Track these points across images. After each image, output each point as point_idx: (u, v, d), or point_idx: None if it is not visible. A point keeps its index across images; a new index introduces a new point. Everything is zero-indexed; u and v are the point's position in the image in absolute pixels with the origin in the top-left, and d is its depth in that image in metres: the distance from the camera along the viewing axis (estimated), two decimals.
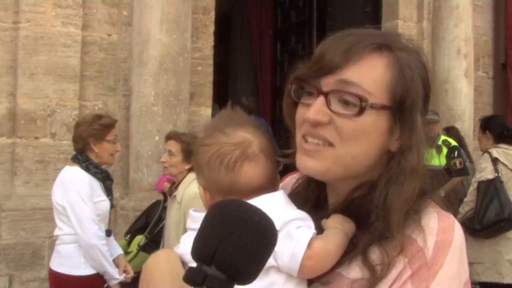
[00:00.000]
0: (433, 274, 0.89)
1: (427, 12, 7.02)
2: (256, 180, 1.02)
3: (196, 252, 0.74)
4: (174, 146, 3.62)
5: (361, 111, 0.93)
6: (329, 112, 0.95)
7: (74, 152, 3.49)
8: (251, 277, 0.74)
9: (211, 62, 5.83)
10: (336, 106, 0.95)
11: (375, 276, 0.90)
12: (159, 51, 4.99)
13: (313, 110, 0.95)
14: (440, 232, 0.93)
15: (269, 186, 1.05)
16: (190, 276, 0.72)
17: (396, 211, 0.93)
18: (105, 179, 3.45)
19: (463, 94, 6.69)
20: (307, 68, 0.99)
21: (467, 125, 6.72)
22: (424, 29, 7.03)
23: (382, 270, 0.90)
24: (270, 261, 0.90)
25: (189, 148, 3.47)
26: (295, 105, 1.03)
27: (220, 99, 7.75)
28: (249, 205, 0.78)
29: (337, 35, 1.00)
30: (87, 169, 3.35)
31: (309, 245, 0.92)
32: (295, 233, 0.93)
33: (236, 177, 1.02)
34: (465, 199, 4.65)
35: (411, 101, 0.96)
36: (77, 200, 3.24)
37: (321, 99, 0.95)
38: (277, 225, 0.90)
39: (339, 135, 0.95)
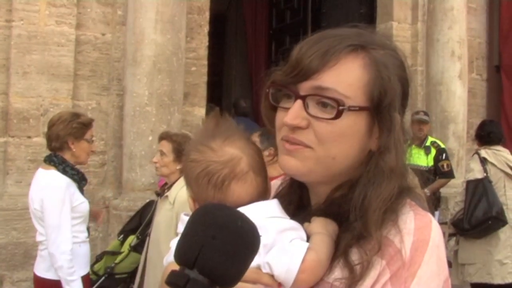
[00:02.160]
0: (412, 274, 0.90)
1: (421, 14, 7.04)
2: (245, 197, 1.01)
3: (179, 255, 0.74)
4: (165, 146, 3.60)
5: (338, 114, 0.93)
6: (307, 116, 0.95)
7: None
8: (233, 281, 0.74)
9: (205, 62, 5.83)
10: (314, 109, 0.95)
11: (354, 275, 0.90)
12: (153, 51, 4.97)
13: (291, 114, 0.96)
14: (417, 232, 0.93)
15: (259, 200, 1.04)
16: (172, 279, 0.72)
17: (374, 210, 0.93)
18: (81, 180, 3.37)
19: (457, 96, 6.72)
20: (284, 73, 0.99)
21: (461, 127, 6.75)
22: (418, 31, 7.04)
23: (361, 269, 0.90)
24: (266, 270, 0.92)
25: (181, 147, 3.43)
26: (273, 108, 1.03)
27: (214, 100, 7.74)
28: (232, 209, 0.78)
29: (313, 38, 1.00)
30: (64, 172, 3.25)
31: (303, 259, 0.92)
32: (289, 247, 0.94)
33: (224, 196, 1.01)
34: (456, 200, 4.69)
35: (388, 101, 0.96)
36: (52, 208, 3.15)
37: (298, 103, 0.96)
38: (272, 232, 0.93)
39: (318, 138, 0.95)
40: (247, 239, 0.75)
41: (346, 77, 0.95)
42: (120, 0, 5.35)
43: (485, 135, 4.80)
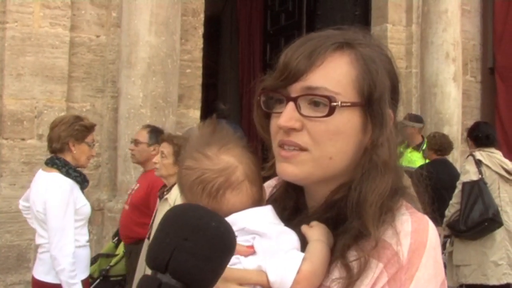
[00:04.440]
0: (410, 277, 0.89)
1: (416, 16, 7.06)
2: (239, 206, 1.00)
3: (150, 259, 0.71)
4: (166, 148, 3.64)
5: (331, 111, 0.93)
6: (301, 117, 0.95)
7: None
8: (208, 285, 0.71)
9: (200, 64, 5.82)
10: (306, 109, 0.96)
11: (351, 274, 0.90)
12: (148, 53, 4.96)
13: (284, 116, 0.96)
14: (414, 234, 0.92)
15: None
16: (143, 284, 0.69)
17: (371, 205, 0.93)
18: (83, 181, 3.37)
19: (451, 98, 6.73)
20: (273, 79, 1.00)
21: (455, 129, 6.76)
22: (413, 33, 7.06)
23: (358, 267, 0.90)
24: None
25: (181, 150, 3.45)
26: (266, 115, 1.03)
27: (209, 102, 7.74)
28: (206, 210, 0.76)
29: (299, 41, 1.00)
30: (67, 174, 3.24)
31: (298, 270, 0.90)
32: (285, 257, 0.92)
33: (218, 205, 0.99)
34: (451, 202, 4.69)
35: (378, 94, 0.96)
36: (56, 210, 3.13)
37: (291, 105, 0.96)
38: (274, 236, 0.92)
39: (313, 139, 0.95)
40: (222, 241, 0.72)
41: (334, 74, 0.95)
42: (114, 2, 5.34)
43: (484, 137, 4.81)
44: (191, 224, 0.71)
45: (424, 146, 5.85)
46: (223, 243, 0.73)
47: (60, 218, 3.13)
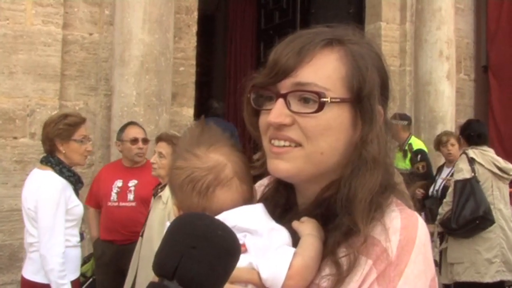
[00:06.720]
0: (399, 273, 0.89)
1: (410, 14, 7.08)
2: (229, 204, 1.00)
3: (158, 266, 0.72)
4: (165, 148, 3.61)
5: (320, 107, 0.94)
6: (290, 113, 0.96)
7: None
8: None
9: (193, 62, 5.81)
10: (296, 106, 0.96)
11: (340, 271, 0.90)
12: (141, 51, 4.94)
13: (274, 113, 0.96)
14: (403, 231, 0.92)
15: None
16: None
17: (360, 201, 0.93)
18: (77, 182, 3.34)
19: (445, 96, 6.75)
20: (263, 76, 1.00)
21: (449, 127, 6.78)
22: (407, 31, 7.08)
23: (348, 263, 0.90)
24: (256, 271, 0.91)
25: None
26: (256, 113, 1.04)
27: (203, 100, 7.71)
28: (213, 219, 0.77)
29: (288, 38, 1.01)
30: (60, 173, 3.21)
31: (290, 265, 0.91)
32: (276, 253, 0.93)
33: (208, 203, 1.00)
34: (445, 200, 4.71)
35: (368, 90, 0.97)
36: (46, 209, 3.10)
37: (280, 101, 0.96)
38: (265, 234, 0.93)
39: (305, 134, 0.96)
40: (227, 249, 0.74)
41: (324, 70, 0.96)
42: None
43: (475, 135, 4.83)
44: (199, 232, 0.72)
45: (406, 146, 5.76)
46: (229, 252, 0.74)
47: (50, 217, 3.10)
